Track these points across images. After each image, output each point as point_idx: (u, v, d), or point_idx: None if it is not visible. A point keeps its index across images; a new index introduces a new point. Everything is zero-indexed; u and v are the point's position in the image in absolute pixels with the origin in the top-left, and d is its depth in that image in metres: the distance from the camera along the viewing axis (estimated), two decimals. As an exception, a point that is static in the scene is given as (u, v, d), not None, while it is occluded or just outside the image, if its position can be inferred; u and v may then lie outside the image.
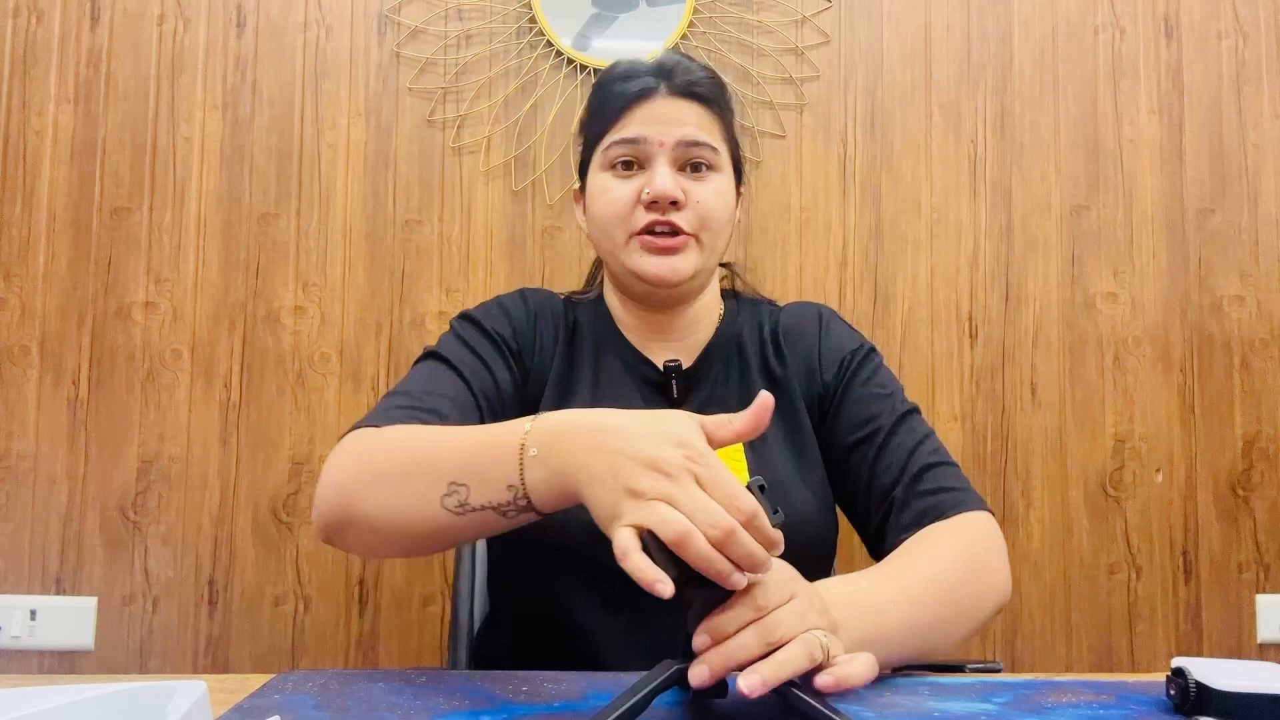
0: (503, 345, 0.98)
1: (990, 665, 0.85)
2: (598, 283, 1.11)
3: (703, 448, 0.60)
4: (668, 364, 0.98)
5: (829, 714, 0.57)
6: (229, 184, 1.62)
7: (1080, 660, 1.65)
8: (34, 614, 1.54)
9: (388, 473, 0.75)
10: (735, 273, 1.14)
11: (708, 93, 0.98)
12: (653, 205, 0.94)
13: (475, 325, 0.99)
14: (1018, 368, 1.68)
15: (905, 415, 0.96)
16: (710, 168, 0.97)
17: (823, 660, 0.59)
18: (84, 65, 1.61)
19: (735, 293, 1.11)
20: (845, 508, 1.00)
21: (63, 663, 1.56)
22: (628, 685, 0.59)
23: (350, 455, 0.79)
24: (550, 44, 1.65)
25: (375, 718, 0.62)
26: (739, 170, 1.03)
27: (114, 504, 1.57)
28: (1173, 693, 0.65)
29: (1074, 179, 1.70)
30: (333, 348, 1.61)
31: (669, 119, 0.96)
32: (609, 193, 0.97)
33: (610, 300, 1.06)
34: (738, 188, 1.03)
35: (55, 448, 1.57)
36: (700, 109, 0.97)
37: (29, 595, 1.55)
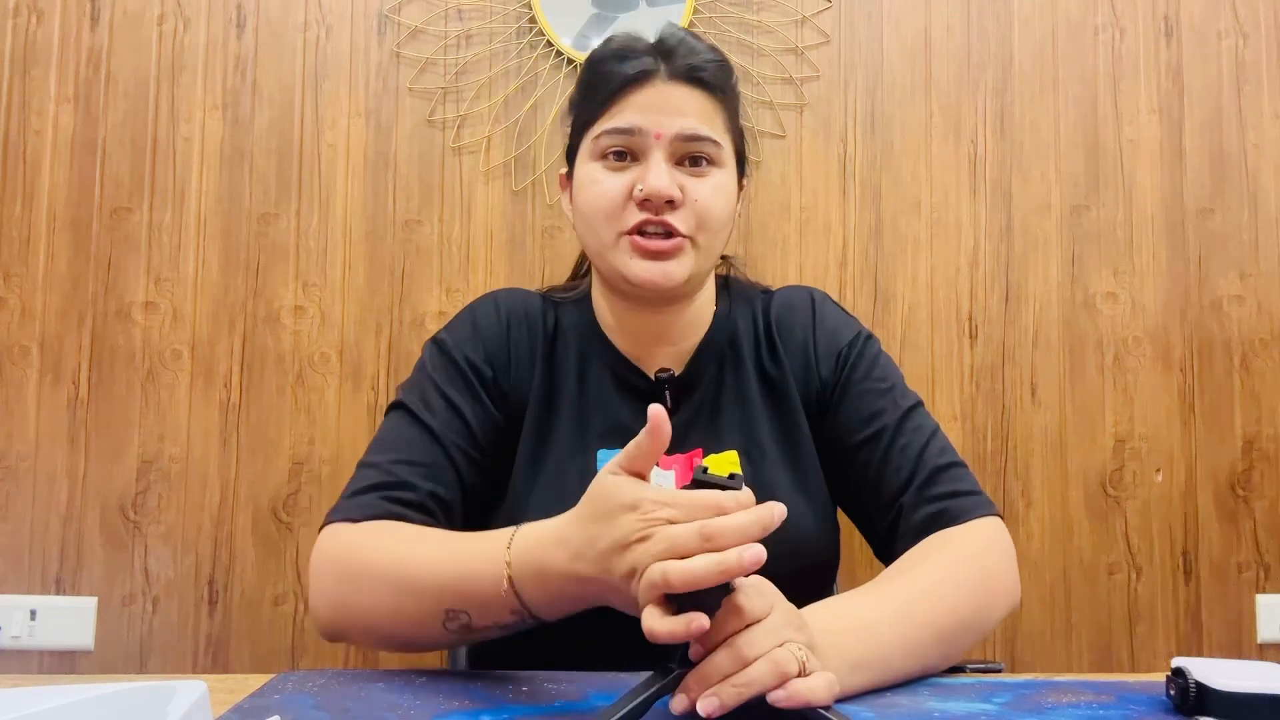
0: (473, 378, 0.92)
1: (990, 665, 0.84)
2: (585, 279, 1.02)
3: (649, 494, 0.61)
4: (659, 374, 0.94)
5: (828, 714, 0.58)
6: (229, 184, 1.62)
7: (1080, 660, 1.65)
8: (34, 614, 1.54)
9: (376, 593, 0.76)
10: (733, 264, 1.06)
11: (712, 78, 0.89)
12: (646, 204, 0.86)
13: (446, 358, 0.94)
14: (1018, 367, 1.68)
15: (909, 411, 0.92)
16: (711, 162, 0.88)
17: (798, 672, 0.59)
18: (84, 65, 1.61)
19: (728, 281, 1.03)
20: (848, 509, 0.96)
21: (63, 663, 1.56)
22: (628, 686, 0.59)
23: (336, 567, 0.80)
24: (550, 44, 1.65)
25: (375, 718, 0.62)
26: (742, 162, 0.95)
27: (114, 504, 1.57)
28: (1173, 693, 0.65)
29: (1074, 179, 1.70)
30: (333, 348, 1.61)
31: (667, 107, 0.87)
32: (598, 185, 0.88)
33: (598, 301, 0.98)
34: (740, 180, 0.94)
35: (55, 448, 1.57)
36: (703, 96, 0.88)
37: (29, 595, 1.55)
